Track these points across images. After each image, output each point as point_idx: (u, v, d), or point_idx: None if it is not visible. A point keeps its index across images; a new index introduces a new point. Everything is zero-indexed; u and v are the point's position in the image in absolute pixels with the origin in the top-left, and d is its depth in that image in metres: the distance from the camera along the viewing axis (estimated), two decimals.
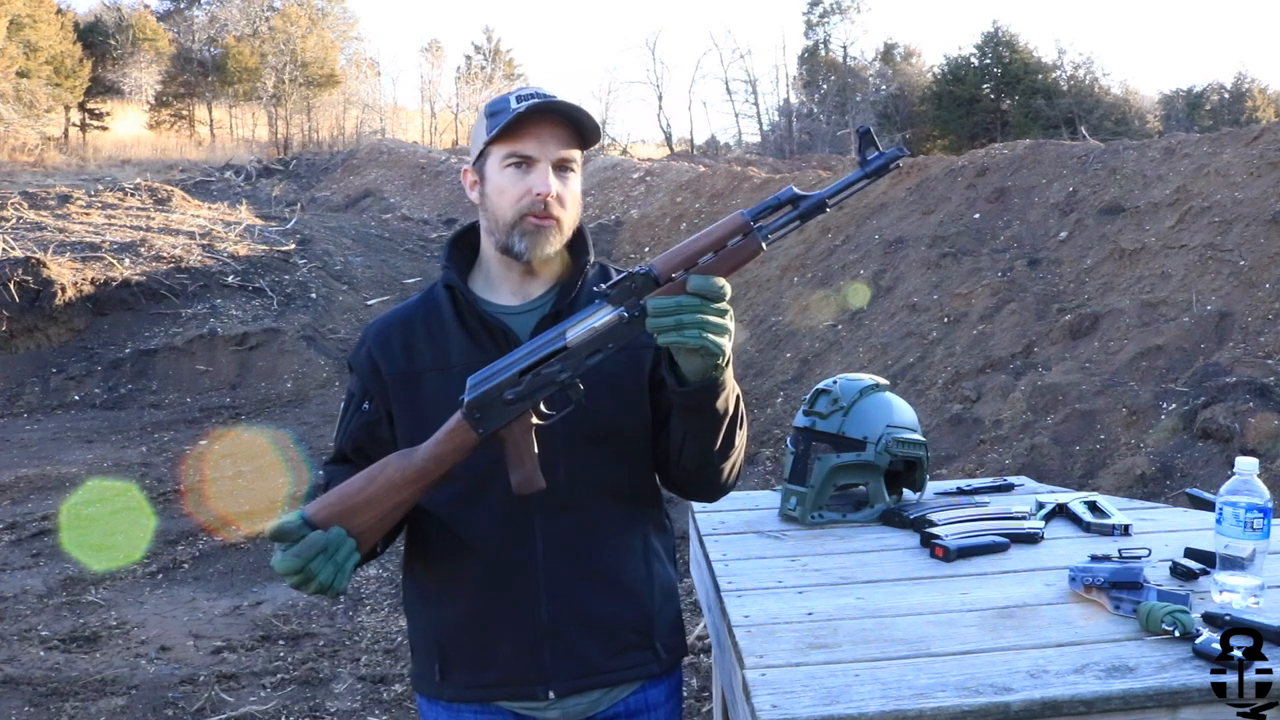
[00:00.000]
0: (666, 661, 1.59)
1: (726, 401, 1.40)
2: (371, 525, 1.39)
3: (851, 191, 1.38)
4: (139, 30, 34.94)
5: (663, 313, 1.29)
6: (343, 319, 10.76)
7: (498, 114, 1.47)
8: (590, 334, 1.36)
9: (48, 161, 26.76)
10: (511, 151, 1.46)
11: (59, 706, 3.66)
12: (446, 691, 1.56)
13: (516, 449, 1.40)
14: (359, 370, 1.58)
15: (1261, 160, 6.96)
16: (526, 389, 1.37)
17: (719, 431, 1.43)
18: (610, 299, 1.36)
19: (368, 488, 1.39)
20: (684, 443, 1.45)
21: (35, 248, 10.31)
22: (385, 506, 1.39)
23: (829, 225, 10.37)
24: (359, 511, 1.38)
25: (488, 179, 1.50)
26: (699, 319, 1.28)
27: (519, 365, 1.38)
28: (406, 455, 1.41)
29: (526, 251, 1.48)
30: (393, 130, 35.80)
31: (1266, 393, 5.15)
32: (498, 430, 1.39)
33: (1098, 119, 27.83)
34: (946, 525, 1.93)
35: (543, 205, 1.46)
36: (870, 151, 1.36)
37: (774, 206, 1.36)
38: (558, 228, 1.49)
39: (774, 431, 6.86)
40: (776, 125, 38.58)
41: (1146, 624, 1.45)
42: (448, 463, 1.40)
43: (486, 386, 1.38)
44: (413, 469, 1.40)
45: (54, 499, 6.10)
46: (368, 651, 4.12)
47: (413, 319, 1.56)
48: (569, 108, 1.46)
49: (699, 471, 1.49)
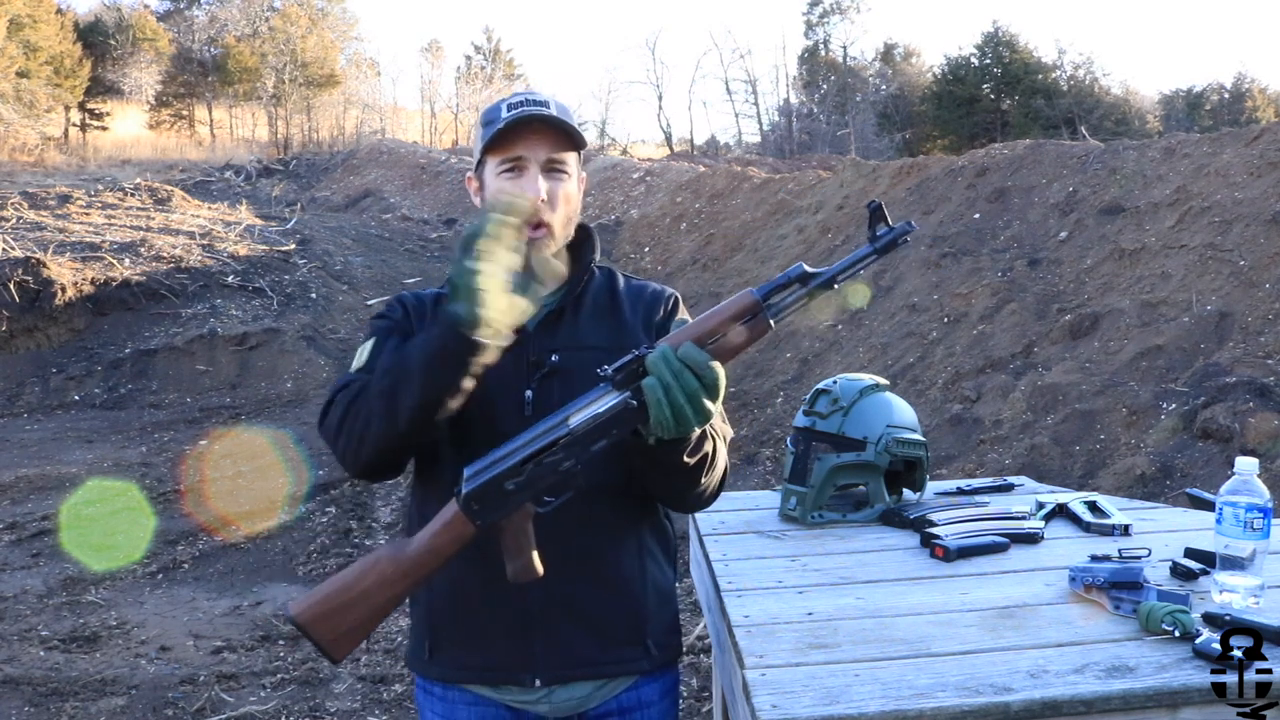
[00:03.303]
0: (658, 659, 1.59)
1: (687, 458, 1.39)
2: (362, 622, 1.36)
3: (860, 268, 1.39)
4: (139, 30, 34.93)
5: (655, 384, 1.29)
6: (343, 319, 10.76)
7: (490, 123, 1.52)
8: (593, 420, 1.34)
9: (48, 161, 26.76)
10: (503, 159, 1.51)
11: (59, 706, 3.66)
12: (434, 670, 1.57)
13: (515, 539, 1.37)
14: (396, 317, 1.58)
15: (1261, 160, 6.96)
16: (528, 479, 1.35)
17: (676, 480, 1.43)
18: (615, 383, 1.34)
19: (359, 584, 1.36)
20: (642, 475, 1.46)
21: (35, 248, 10.31)
22: (377, 601, 1.36)
23: (829, 225, 10.38)
24: (349, 609, 1.35)
25: (487, 186, 1.55)
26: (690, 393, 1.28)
27: (521, 454, 1.35)
28: (399, 547, 1.38)
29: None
30: (393, 130, 35.80)
31: (1266, 393, 5.15)
32: (497, 520, 1.36)
33: (1098, 119, 27.83)
34: (946, 525, 1.93)
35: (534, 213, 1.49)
36: (880, 227, 1.37)
37: (783, 285, 1.37)
38: (549, 234, 1.51)
39: (774, 431, 6.86)
40: (776, 125, 38.59)
41: (1146, 624, 1.45)
42: (444, 555, 1.37)
43: (486, 477, 1.35)
44: (407, 561, 1.36)
45: (54, 499, 6.10)
46: (368, 651, 4.12)
47: (439, 300, 1.59)
48: (549, 118, 1.49)
49: (663, 498, 1.53)
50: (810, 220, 10.83)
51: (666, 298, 1.62)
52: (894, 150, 30.16)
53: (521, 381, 1.51)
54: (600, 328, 1.55)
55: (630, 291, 1.61)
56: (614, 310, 1.58)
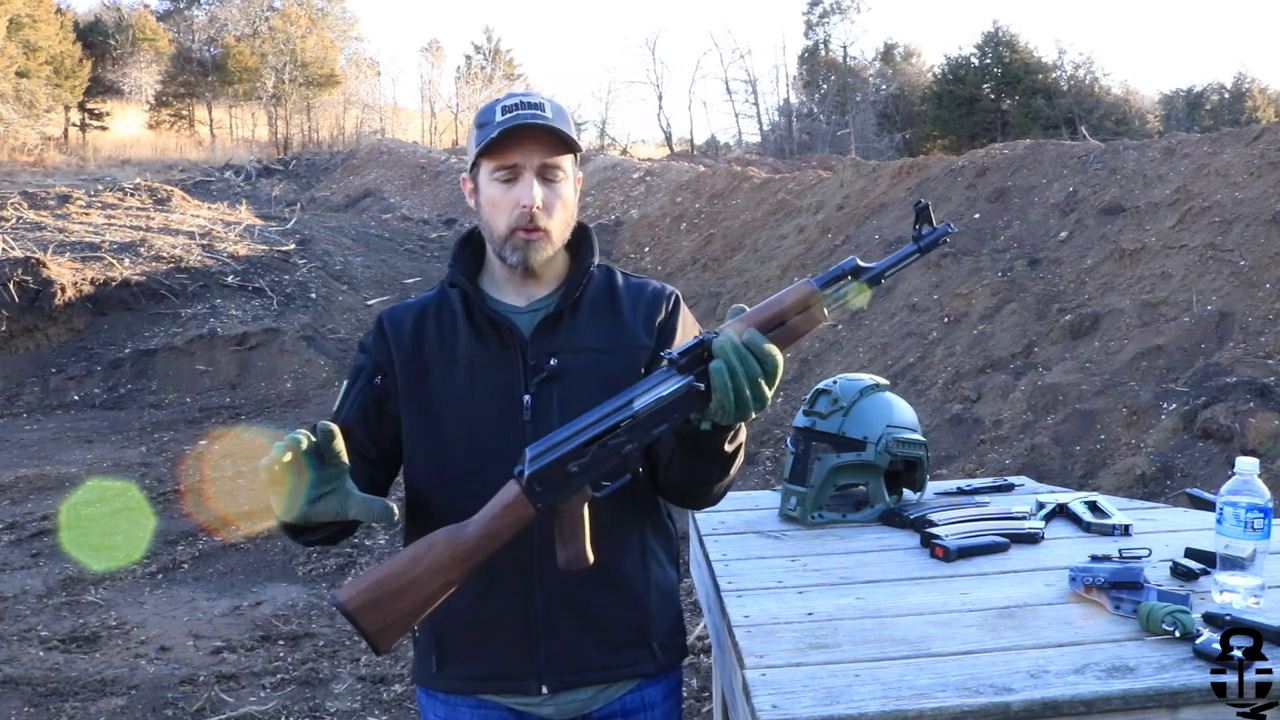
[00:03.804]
0: (663, 661, 1.59)
1: (728, 445, 1.41)
2: (412, 610, 1.33)
3: (906, 265, 1.43)
4: (139, 30, 34.93)
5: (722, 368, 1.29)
6: (343, 319, 10.76)
7: (484, 125, 1.50)
8: (658, 403, 1.33)
9: (47, 161, 26.76)
10: (498, 165, 1.49)
11: (59, 706, 3.66)
12: (441, 682, 1.57)
13: (571, 524, 1.35)
14: (371, 349, 1.58)
15: (1262, 160, 6.96)
16: (591, 461, 1.33)
17: (711, 468, 1.44)
18: (680, 367, 1.34)
19: (410, 569, 1.33)
20: (671, 462, 1.46)
21: (35, 248, 10.31)
22: (430, 589, 1.33)
23: (829, 225, 10.37)
24: (399, 597, 1.32)
25: (481, 190, 1.53)
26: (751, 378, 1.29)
27: (585, 435, 1.33)
28: (456, 532, 1.35)
29: (520, 263, 1.51)
30: (393, 130, 35.78)
31: (1267, 393, 5.15)
32: (557, 504, 1.34)
33: (1098, 119, 27.84)
34: (947, 525, 1.93)
35: (529, 218, 1.48)
36: (924, 227, 1.41)
37: (838, 276, 1.39)
38: (546, 237, 1.51)
39: (774, 431, 6.85)
40: (776, 125, 38.57)
41: (1147, 624, 1.45)
42: (503, 539, 1.35)
43: (550, 458, 1.33)
44: (463, 547, 1.33)
45: (54, 499, 6.09)
46: (368, 651, 4.11)
47: (425, 310, 1.58)
48: (542, 126, 1.48)
49: (685, 489, 1.51)
50: (810, 220, 10.83)
51: (668, 296, 1.60)
52: (894, 150, 30.15)
53: (520, 387, 1.50)
54: (599, 328, 1.54)
55: (630, 290, 1.60)
56: (613, 310, 1.57)
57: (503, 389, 1.50)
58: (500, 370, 1.51)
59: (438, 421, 1.51)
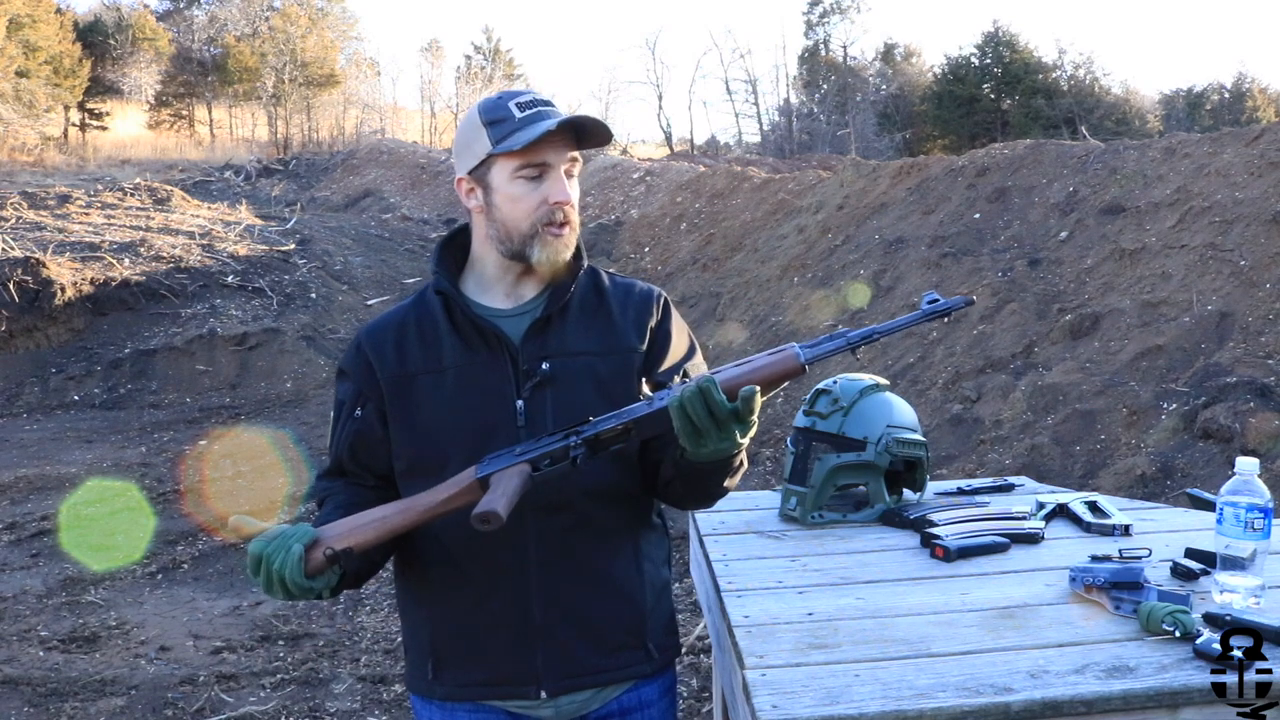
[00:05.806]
0: (659, 661, 1.59)
1: (726, 464, 1.43)
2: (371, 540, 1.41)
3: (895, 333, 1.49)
4: (139, 30, 34.93)
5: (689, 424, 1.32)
6: (343, 319, 10.76)
7: (499, 122, 1.45)
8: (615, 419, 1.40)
9: (47, 161, 26.74)
10: (525, 162, 1.45)
11: (59, 706, 3.66)
12: (438, 690, 1.56)
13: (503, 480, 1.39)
14: (352, 374, 1.56)
15: (1262, 160, 6.95)
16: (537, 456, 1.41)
17: (711, 482, 1.46)
18: None
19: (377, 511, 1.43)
20: (672, 480, 1.48)
21: (35, 248, 10.31)
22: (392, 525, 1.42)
23: (829, 225, 10.37)
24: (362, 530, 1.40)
25: (495, 189, 1.48)
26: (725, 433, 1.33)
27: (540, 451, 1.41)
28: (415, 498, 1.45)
29: (545, 260, 1.49)
30: (393, 130, 35.77)
31: (1267, 393, 5.14)
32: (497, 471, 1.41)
33: (1098, 119, 27.84)
34: (947, 525, 1.93)
35: (561, 214, 1.46)
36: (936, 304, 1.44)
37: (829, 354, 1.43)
38: (573, 233, 1.51)
39: (774, 431, 6.85)
40: (776, 125, 38.57)
41: (1147, 624, 1.45)
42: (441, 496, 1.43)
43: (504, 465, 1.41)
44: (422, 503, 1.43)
45: (54, 499, 6.09)
46: (367, 652, 4.12)
47: (405, 322, 1.55)
48: (592, 122, 1.47)
49: (683, 497, 1.54)
50: (810, 220, 10.82)
51: (657, 298, 1.59)
52: (894, 150, 30.15)
53: (512, 392, 1.49)
54: (589, 331, 1.53)
55: (616, 290, 1.58)
56: (602, 311, 1.55)
57: (494, 395, 1.48)
58: (490, 376, 1.49)
59: (430, 432, 1.49)
